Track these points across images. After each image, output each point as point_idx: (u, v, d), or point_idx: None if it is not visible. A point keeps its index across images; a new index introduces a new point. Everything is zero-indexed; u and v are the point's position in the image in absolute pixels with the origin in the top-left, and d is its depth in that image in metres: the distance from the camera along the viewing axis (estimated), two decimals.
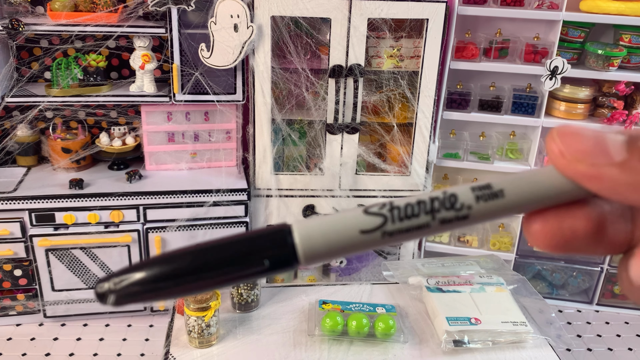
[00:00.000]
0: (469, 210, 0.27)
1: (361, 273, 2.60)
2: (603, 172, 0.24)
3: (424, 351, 1.31)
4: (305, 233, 0.27)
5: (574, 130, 0.25)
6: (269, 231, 0.28)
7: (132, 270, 0.27)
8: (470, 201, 0.27)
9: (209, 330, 1.28)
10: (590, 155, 0.24)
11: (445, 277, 1.51)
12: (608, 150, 0.24)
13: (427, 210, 0.27)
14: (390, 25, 2.18)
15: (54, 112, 2.46)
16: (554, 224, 0.26)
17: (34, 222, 2.17)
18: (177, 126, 2.38)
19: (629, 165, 0.24)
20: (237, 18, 2.06)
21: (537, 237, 0.27)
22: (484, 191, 0.27)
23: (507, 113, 2.48)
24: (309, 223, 0.28)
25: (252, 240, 0.28)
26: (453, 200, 0.27)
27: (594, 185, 0.24)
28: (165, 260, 0.27)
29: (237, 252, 0.27)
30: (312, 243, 0.27)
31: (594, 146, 0.24)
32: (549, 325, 1.41)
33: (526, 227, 0.27)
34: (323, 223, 0.28)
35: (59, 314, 2.34)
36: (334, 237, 0.27)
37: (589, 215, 0.26)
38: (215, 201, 2.27)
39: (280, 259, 0.27)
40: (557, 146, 0.25)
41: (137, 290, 0.27)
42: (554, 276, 2.69)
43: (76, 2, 2.17)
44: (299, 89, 2.24)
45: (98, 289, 0.27)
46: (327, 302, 1.41)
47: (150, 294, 0.27)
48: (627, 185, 0.23)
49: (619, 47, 2.32)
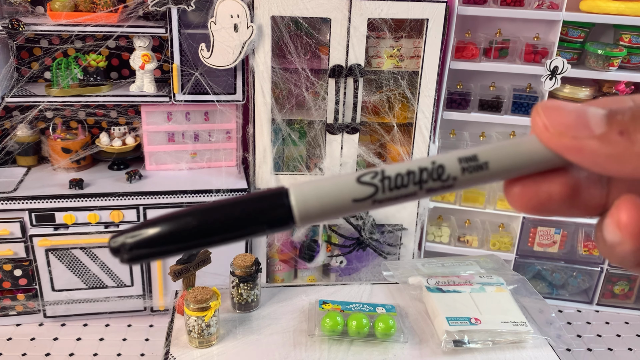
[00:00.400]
0: (454, 181, 0.29)
1: (361, 273, 2.60)
2: (584, 145, 0.25)
3: (424, 351, 1.31)
4: (302, 197, 0.29)
5: (557, 105, 0.26)
6: (268, 193, 0.29)
7: (145, 227, 0.29)
8: (456, 173, 0.29)
9: (209, 330, 1.28)
10: (572, 129, 0.26)
11: (445, 277, 1.51)
12: (589, 123, 0.25)
13: (415, 181, 0.29)
14: (390, 25, 2.18)
15: (54, 112, 2.46)
16: (532, 188, 0.28)
17: (34, 222, 2.17)
18: (177, 126, 2.38)
19: (607, 138, 0.25)
20: (237, 18, 2.06)
21: (515, 200, 0.29)
22: (470, 163, 0.29)
23: (507, 113, 2.48)
24: (304, 187, 0.29)
25: (253, 201, 0.30)
26: (440, 172, 0.29)
27: (575, 157, 0.26)
28: (176, 218, 0.29)
29: (240, 211, 0.29)
30: (307, 206, 0.29)
31: (575, 120, 0.26)
32: (549, 325, 1.41)
33: (506, 190, 0.29)
34: (318, 188, 0.29)
35: (59, 314, 2.34)
36: (328, 202, 0.29)
37: (565, 181, 0.28)
38: None
39: (278, 219, 0.29)
40: (542, 120, 0.26)
41: (149, 245, 0.29)
42: (554, 276, 2.69)
43: (76, 2, 2.17)
44: (299, 89, 2.24)
45: (112, 243, 0.29)
46: (327, 302, 1.41)
47: (161, 249, 0.29)
48: (606, 157, 0.25)
49: (619, 47, 2.32)
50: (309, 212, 0.29)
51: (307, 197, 0.29)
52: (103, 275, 2.30)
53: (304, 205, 0.29)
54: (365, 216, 2.40)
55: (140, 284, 2.35)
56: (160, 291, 2.38)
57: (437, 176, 0.29)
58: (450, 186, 0.29)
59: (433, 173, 0.29)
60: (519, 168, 0.28)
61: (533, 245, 2.66)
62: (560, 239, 2.63)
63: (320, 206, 0.29)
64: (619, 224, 0.26)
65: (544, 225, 2.61)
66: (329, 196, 0.29)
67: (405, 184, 0.29)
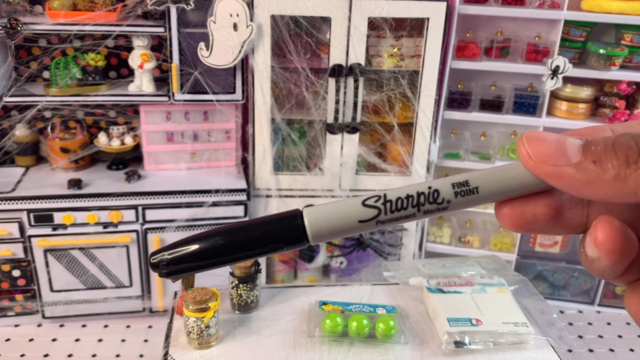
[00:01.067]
0: (448, 204, 0.33)
1: (361, 274, 2.59)
2: (562, 172, 0.29)
3: (424, 352, 1.30)
4: (314, 219, 0.33)
5: (539, 136, 0.30)
6: (284, 215, 0.34)
7: (180, 245, 0.34)
8: (450, 196, 0.32)
9: (208, 331, 1.27)
10: (552, 157, 0.29)
11: (446, 277, 1.50)
12: (567, 153, 0.29)
13: (414, 204, 0.33)
14: (390, 25, 2.17)
15: (52, 112, 2.45)
16: (519, 209, 0.32)
17: (32, 222, 2.16)
18: (176, 126, 2.37)
19: (583, 166, 0.28)
20: (236, 17, 2.05)
21: (504, 219, 0.33)
22: (462, 188, 0.32)
23: (508, 113, 2.47)
24: (316, 210, 0.34)
25: (271, 222, 0.34)
26: (436, 196, 0.33)
27: (555, 182, 0.30)
28: (206, 238, 0.34)
29: (261, 232, 0.34)
30: (319, 227, 0.33)
31: (555, 149, 0.29)
32: (551, 326, 1.40)
33: (496, 211, 0.33)
34: (328, 210, 0.34)
35: (58, 315, 2.33)
36: (337, 223, 0.33)
37: (548, 203, 0.32)
38: (215, 201, 2.26)
39: (294, 238, 0.34)
40: (525, 149, 0.30)
41: (183, 261, 0.34)
42: (556, 277, 2.68)
43: (75, 1, 2.16)
44: (299, 88, 2.23)
45: (152, 260, 0.35)
46: (327, 303, 1.40)
47: (194, 264, 0.34)
48: (581, 183, 0.28)
49: (621, 47, 2.32)
50: (320, 232, 0.33)
51: (319, 219, 0.33)
52: (102, 275, 2.28)
53: (316, 226, 0.33)
54: None
55: (139, 284, 2.33)
56: (159, 292, 2.36)
57: (433, 199, 0.32)
58: (445, 208, 0.33)
59: (429, 197, 0.32)
60: (506, 192, 0.32)
61: (534, 246, 2.65)
62: (561, 239, 2.62)
63: (330, 227, 0.33)
64: (595, 242, 0.29)
65: None
66: (337, 218, 0.33)
67: (405, 206, 0.33)
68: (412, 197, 0.32)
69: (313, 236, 0.33)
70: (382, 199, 0.33)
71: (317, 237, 0.33)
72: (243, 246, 0.34)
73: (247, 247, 0.34)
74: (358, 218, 0.33)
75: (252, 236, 0.34)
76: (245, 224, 0.35)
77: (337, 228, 0.33)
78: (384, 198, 0.33)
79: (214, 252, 0.34)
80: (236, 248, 0.34)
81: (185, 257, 0.34)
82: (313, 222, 0.33)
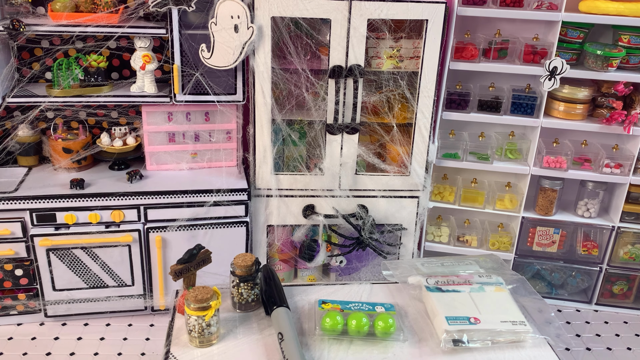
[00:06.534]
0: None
1: (361, 272, 2.60)
2: None
3: (423, 350, 1.32)
4: None
5: None
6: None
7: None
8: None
9: (209, 329, 1.29)
10: None
11: (444, 276, 1.52)
12: None
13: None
14: (389, 26, 2.19)
15: (55, 113, 2.47)
16: None
17: (35, 222, 2.18)
18: (178, 126, 2.39)
19: None
20: (237, 19, 2.07)
21: None
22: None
23: (506, 113, 2.48)
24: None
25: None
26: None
27: None
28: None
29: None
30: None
31: None
32: (548, 325, 1.41)
33: None
34: None
35: (60, 314, 2.34)
36: None
37: None
38: (216, 201, 2.28)
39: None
40: None
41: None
42: (553, 276, 2.70)
43: (77, 2, 2.17)
44: (299, 89, 2.25)
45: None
46: (327, 302, 1.41)
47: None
48: None
49: (618, 48, 2.33)
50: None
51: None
52: (104, 274, 2.30)
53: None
54: (365, 216, 2.41)
55: (140, 283, 2.35)
56: (160, 291, 2.38)
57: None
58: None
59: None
60: None
61: (532, 245, 2.66)
62: (559, 238, 2.64)
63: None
64: None
65: (543, 225, 2.62)
66: None
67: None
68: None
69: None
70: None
71: None
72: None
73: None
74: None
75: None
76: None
77: None
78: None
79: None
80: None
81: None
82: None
